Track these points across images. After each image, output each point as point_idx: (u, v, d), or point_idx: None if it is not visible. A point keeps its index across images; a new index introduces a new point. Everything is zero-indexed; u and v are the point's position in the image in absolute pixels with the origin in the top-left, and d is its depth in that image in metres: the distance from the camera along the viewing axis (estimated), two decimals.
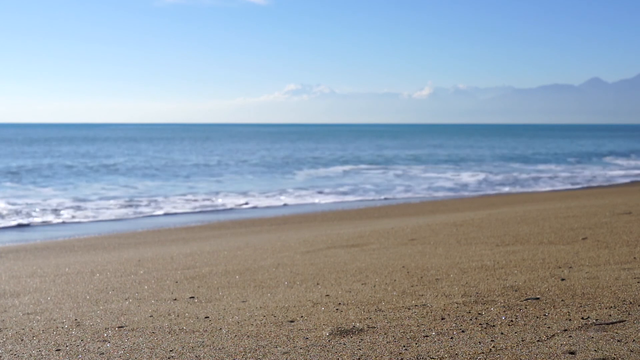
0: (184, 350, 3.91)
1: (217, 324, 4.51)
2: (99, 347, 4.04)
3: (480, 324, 4.18)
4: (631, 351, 3.52)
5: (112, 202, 21.07)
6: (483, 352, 3.63)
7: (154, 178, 31.13)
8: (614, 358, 3.44)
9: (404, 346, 3.80)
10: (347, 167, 39.39)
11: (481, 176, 32.34)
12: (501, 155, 53.85)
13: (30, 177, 31.34)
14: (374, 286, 5.63)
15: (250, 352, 3.83)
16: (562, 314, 4.32)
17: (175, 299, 5.55)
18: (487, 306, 4.61)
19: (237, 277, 6.60)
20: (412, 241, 8.64)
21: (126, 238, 12.50)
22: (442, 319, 4.35)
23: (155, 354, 3.86)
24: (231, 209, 19.61)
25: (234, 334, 4.21)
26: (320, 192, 24.35)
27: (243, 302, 5.30)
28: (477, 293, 5.05)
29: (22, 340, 4.30)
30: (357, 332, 4.12)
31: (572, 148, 66.34)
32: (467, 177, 32.09)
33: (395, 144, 78.46)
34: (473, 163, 43.73)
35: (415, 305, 4.76)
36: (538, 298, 4.75)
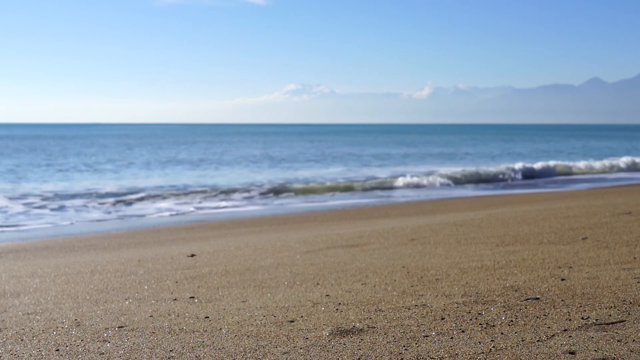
0: (184, 350, 3.91)
1: (217, 324, 4.51)
2: (99, 347, 4.04)
3: (480, 324, 4.18)
4: (631, 351, 3.52)
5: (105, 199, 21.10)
6: (483, 352, 3.63)
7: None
8: (614, 358, 3.44)
9: (404, 346, 3.80)
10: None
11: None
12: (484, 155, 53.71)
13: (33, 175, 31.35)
14: (374, 286, 5.63)
15: (250, 352, 3.83)
16: (562, 314, 4.32)
17: (175, 299, 5.55)
18: (487, 306, 4.61)
19: (237, 277, 6.60)
20: (412, 241, 8.64)
21: (126, 238, 12.50)
22: (442, 319, 4.35)
23: (155, 354, 3.86)
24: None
25: (234, 334, 4.21)
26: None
27: (243, 302, 5.30)
28: (477, 293, 5.05)
29: (22, 340, 4.30)
30: (357, 332, 4.12)
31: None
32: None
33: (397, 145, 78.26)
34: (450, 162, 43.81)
35: (415, 305, 4.76)
36: (538, 298, 4.76)
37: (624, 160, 37.39)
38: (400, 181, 27.18)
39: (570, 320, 4.17)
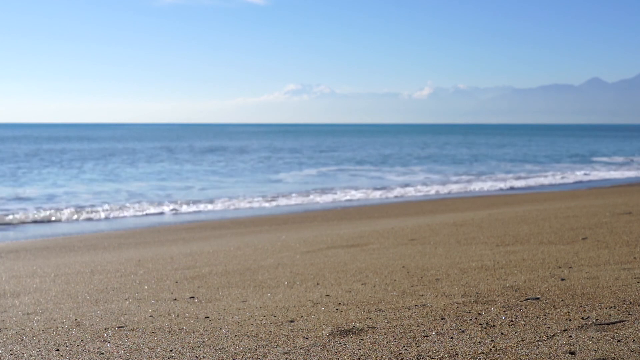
0: (184, 350, 3.91)
1: (217, 324, 4.51)
2: (99, 347, 4.04)
3: (480, 324, 4.18)
4: (631, 351, 3.52)
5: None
6: (483, 352, 3.63)
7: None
8: (614, 358, 3.44)
9: (404, 346, 3.80)
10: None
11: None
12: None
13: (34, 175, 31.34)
14: (374, 286, 5.63)
15: (250, 352, 3.83)
16: (562, 314, 4.32)
17: (175, 299, 5.55)
18: (487, 306, 4.61)
19: (237, 277, 6.60)
20: (412, 241, 8.64)
21: (126, 238, 12.50)
22: (442, 319, 4.35)
23: (155, 354, 3.86)
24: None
25: (234, 334, 4.21)
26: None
27: (243, 302, 5.30)
28: (477, 293, 5.05)
29: (22, 340, 4.30)
30: (357, 332, 4.12)
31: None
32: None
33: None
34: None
35: (415, 305, 4.76)
36: (538, 298, 4.76)
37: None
38: None
39: (570, 320, 4.17)
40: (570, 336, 3.83)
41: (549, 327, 4.03)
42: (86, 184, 27.75)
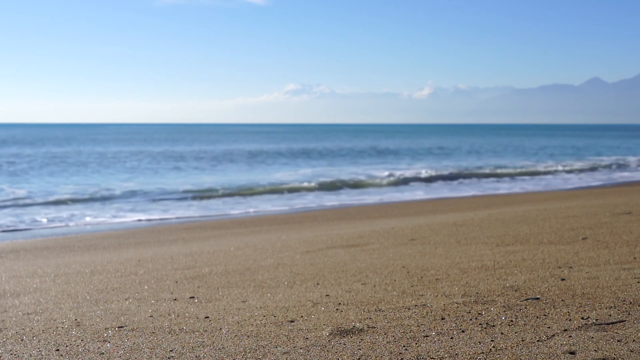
0: (184, 350, 3.91)
1: (217, 324, 4.51)
2: (99, 347, 4.04)
3: (480, 324, 4.18)
4: (631, 351, 3.52)
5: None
6: (483, 352, 3.63)
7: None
8: (614, 358, 3.44)
9: (404, 346, 3.80)
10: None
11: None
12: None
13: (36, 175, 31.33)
14: (374, 286, 5.63)
15: (250, 352, 3.83)
16: (562, 314, 4.32)
17: (175, 299, 5.55)
18: (487, 306, 4.61)
19: (237, 277, 6.60)
20: (412, 241, 8.64)
21: (126, 238, 12.50)
22: (442, 319, 4.35)
23: (155, 354, 3.86)
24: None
25: (234, 334, 4.21)
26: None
27: (243, 302, 5.30)
28: (477, 293, 5.05)
29: (22, 340, 4.30)
30: (357, 332, 4.12)
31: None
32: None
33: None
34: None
35: (415, 305, 4.76)
36: (538, 298, 4.76)
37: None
38: None
39: (570, 320, 4.17)
40: (570, 336, 3.83)
41: (549, 327, 4.03)
42: (84, 184, 27.81)
